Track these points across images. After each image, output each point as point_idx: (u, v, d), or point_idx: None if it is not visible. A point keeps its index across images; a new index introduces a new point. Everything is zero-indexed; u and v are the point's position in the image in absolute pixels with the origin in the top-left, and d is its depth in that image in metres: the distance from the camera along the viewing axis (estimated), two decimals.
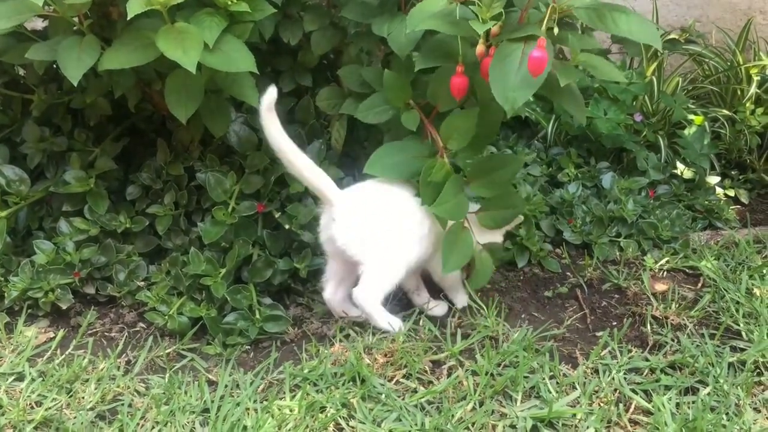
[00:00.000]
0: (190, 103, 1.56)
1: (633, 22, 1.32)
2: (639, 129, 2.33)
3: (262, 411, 1.38)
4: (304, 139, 1.85)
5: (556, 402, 1.39)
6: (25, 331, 1.63)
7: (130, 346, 1.61)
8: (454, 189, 1.54)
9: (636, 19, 1.33)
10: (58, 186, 1.78)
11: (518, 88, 1.32)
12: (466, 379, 1.46)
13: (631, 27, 1.31)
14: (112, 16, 1.60)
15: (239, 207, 1.73)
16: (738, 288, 1.76)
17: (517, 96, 1.32)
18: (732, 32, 2.72)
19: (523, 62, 1.32)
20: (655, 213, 2.04)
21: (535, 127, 2.37)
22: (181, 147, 1.86)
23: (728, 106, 2.49)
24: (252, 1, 1.53)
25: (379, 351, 1.54)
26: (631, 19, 1.32)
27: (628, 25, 1.31)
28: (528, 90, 1.32)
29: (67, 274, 1.69)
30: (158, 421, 1.36)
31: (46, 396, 1.42)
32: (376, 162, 1.58)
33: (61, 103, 1.87)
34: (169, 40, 1.41)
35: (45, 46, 1.56)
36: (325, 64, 1.98)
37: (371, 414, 1.38)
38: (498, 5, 1.35)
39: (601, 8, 1.32)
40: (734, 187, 2.35)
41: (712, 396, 1.43)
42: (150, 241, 1.79)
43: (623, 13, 1.32)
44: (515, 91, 1.32)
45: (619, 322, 1.69)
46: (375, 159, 1.58)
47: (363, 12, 1.70)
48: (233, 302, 1.64)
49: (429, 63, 1.47)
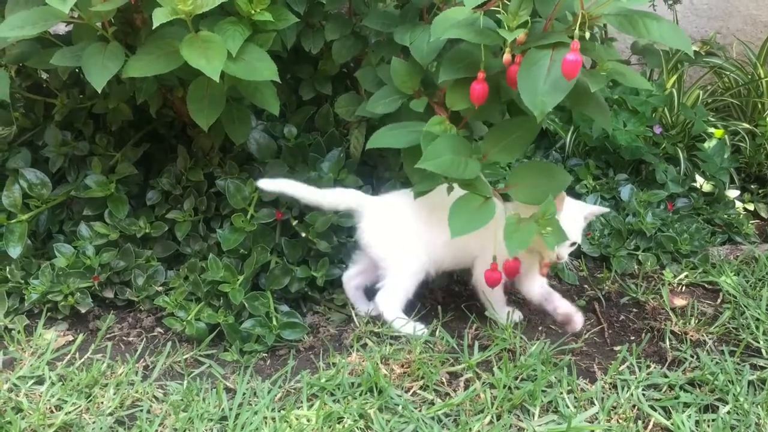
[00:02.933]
0: (212, 111, 1.56)
1: (664, 27, 1.31)
2: (658, 141, 2.32)
3: (280, 420, 1.38)
4: (323, 147, 1.85)
5: (575, 417, 1.39)
6: (45, 334, 1.64)
7: (148, 351, 1.62)
8: (453, 145, 1.46)
9: (667, 24, 1.32)
10: (79, 190, 1.79)
11: (547, 93, 1.31)
12: (483, 392, 1.45)
13: (662, 33, 1.31)
14: (136, 23, 1.61)
15: (258, 214, 1.74)
16: (758, 304, 1.75)
17: (547, 101, 1.32)
18: (753, 45, 2.70)
19: (552, 68, 1.31)
20: (674, 226, 2.03)
21: (554, 137, 2.37)
22: (201, 153, 1.87)
23: (748, 120, 2.48)
24: (275, 11, 1.54)
25: (396, 361, 1.53)
26: (663, 25, 1.32)
27: (659, 31, 1.31)
28: (557, 95, 1.32)
29: (86, 277, 1.70)
30: (176, 428, 1.37)
31: (65, 400, 1.43)
32: (377, 138, 1.58)
33: (84, 107, 1.89)
34: (193, 48, 1.42)
35: (69, 52, 1.57)
36: (345, 73, 1.98)
37: (388, 425, 1.37)
38: (525, 13, 1.35)
39: (632, 14, 1.32)
40: (754, 201, 2.33)
41: (732, 414, 1.41)
42: (169, 247, 1.80)
43: (655, 19, 1.31)
44: (544, 97, 1.31)
45: (637, 337, 1.68)
46: (376, 136, 1.58)
47: (384, 21, 1.70)
48: (251, 309, 1.65)
49: (452, 75, 1.47)
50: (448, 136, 1.48)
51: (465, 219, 1.46)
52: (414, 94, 1.60)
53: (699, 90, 2.53)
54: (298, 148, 1.85)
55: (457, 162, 1.45)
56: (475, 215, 1.46)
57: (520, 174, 1.57)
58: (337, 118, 1.88)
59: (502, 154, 1.53)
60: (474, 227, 1.46)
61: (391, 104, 1.63)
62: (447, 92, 1.52)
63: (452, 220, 1.46)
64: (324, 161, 1.82)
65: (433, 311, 1.73)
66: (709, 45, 2.64)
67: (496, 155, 1.53)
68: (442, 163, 1.43)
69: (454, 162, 1.45)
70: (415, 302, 1.68)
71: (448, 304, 1.77)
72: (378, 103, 1.64)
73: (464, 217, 1.46)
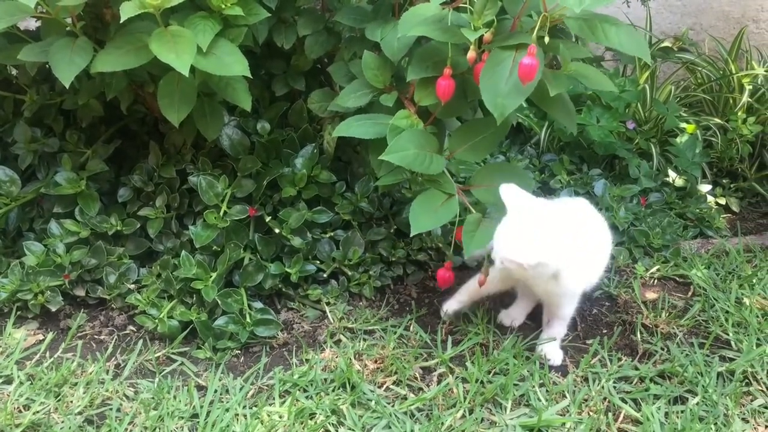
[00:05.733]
0: (183, 107, 1.55)
1: (623, 33, 1.32)
2: (631, 136, 2.34)
3: (251, 417, 1.38)
4: (297, 143, 1.85)
5: (546, 410, 1.40)
6: (14, 333, 1.62)
7: (119, 349, 1.61)
8: (418, 140, 1.47)
9: (626, 30, 1.33)
10: (49, 187, 1.77)
11: (508, 95, 1.32)
12: (456, 387, 1.46)
13: (620, 39, 1.32)
14: (105, 18, 1.59)
15: (231, 211, 1.73)
16: (728, 297, 1.77)
17: (507, 103, 1.32)
18: (725, 41, 2.73)
19: (513, 70, 1.32)
20: (646, 221, 2.05)
21: (528, 133, 2.38)
22: (173, 150, 1.86)
23: (720, 115, 2.50)
24: (246, 5, 1.52)
25: (369, 357, 1.54)
26: (621, 30, 1.32)
27: (618, 36, 1.32)
28: (518, 98, 1.32)
29: (57, 276, 1.68)
30: (147, 426, 1.36)
31: (34, 400, 1.42)
32: (344, 127, 1.57)
33: (53, 104, 1.86)
34: (163, 43, 1.40)
35: (37, 47, 1.55)
36: (318, 68, 1.98)
37: (361, 421, 1.37)
38: (490, 12, 1.35)
39: (592, 19, 1.32)
40: (725, 196, 2.36)
41: (701, 406, 1.43)
42: (141, 244, 1.78)
43: (613, 25, 1.32)
44: (505, 99, 1.32)
45: (609, 330, 1.69)
46: (344, 125, 1.57)
47: (357, 17, 1.70)
48: (224, 306, 1.64)
49: (421, 73, 1.47)
50: (414, 131, 1.48)
51: (427, 216, 1.47)
52: (385, 88, 1.60)
53: (671, 85, 2.56)
54: (272, 144, 1.84)
55: (422, 157, 1.46)
56: (438, 212, 1.47)
57: (483, 174, 1.58)
58: (311, 114, 1.87)
59: (469, 153, 1.54)
60: (436, 224, 1.46)
61: (362, 98, 1.63)
62: (416, 87, 1.52)
63: (413, 216, 1.46)
64: (297, 157, 1.82)
65: (407, 306, 1.74)
66: (681, 41, 2.67)
67: (463, 153, 1.54)
68: (406, 156, 1.44)
69: (418, 156, 1.46)
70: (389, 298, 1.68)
71: (422, 300, 1.77)
72: (349, 97, 1.63)
73: (426, 213, 1.46)
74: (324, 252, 1.77)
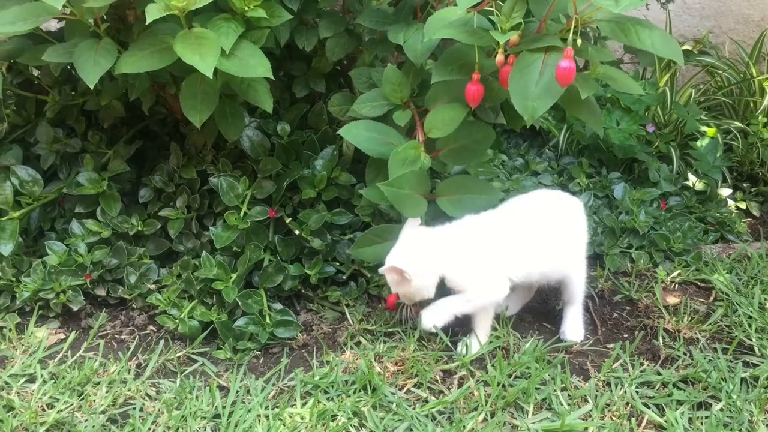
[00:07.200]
0: (205, 108, 1.55)
1: (656, 36, 1.32)
2: (651, 140, 2.33)
3: (273, 418, 1.38)
4: (317, 144, 1.85)
5: (568, 415, 1.39)
6: (36, 332, 1.63)
7: (140, 349, 1.61)
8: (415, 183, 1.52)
9: (659, 33, 1.32)
10: (70, 187, 1.78)
11: (538, 98, 1.32)
12: (477, 390, 1.45)
13: (654, 42, 1.31)
14: (129, 19, 1.60)
15: (251, 212, 1.73)
16: (750, 302, 1.75)
17: (537, 106, 1.32)
18: (745, 44, 2.71)
19: (543, 72, 1.31)
20: (666, 225, 2.04)
21: (547, 135, 2.37)
22: (194, 150, 1.87)
23: (741, 119, 2.48)
24: (269, 8, 1.53)
25: (390, 359, 1.53)
26: (654, 33, 1.32)
27: (651, 39, 1.31)
28: (548, 100, 1.32)
29: (78, 275, 1.69)
30: (170, 426, 1.36)
31: (57, 398, 1.42)
32: (352, 129, 1.58)
33: (76, 104, 1.88)
34: (187, 45, 1.41)
35: (61, 48, 1.56)
36: (338, 71, 1.98)
37: (382, 423, 1.37)
38: (518, 15, 1.35)
39: (625, 22, 1.32)
40: (746, 200, 2.34)
41: (725, 412, 1.42)
42: (161, 244, 1.79)
43: (646, 28, 1.32)
44: (535, 101, 1.31)
45: (630, 335, 1.68)
46: (352, 127, 1.58)
47: (378, 19, 1.70)
48: (244, 307, 1.64)
49: (445, 76, 1.47)
50: (414, 174, 1.52)
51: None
52: (402, 104, 1.61)
53: (691, 89, 2.54)
54: (292, 146, 1.84)
55: (413, 200, 1.53)
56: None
57: (449, 186, 1.60)
58: (331, 116, 1.88)
59: (452, 157, 1.59)
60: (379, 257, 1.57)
61: (378, 109, 1.65)
62: (429, 114, 1.53)
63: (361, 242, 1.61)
64: (317, 159, 1.82)
65: None
66: (701, 44, 2.65)
67: (446, 156, 1.56)
68: (399, 195, 1.52)
69: (409, 198, 1.53)
70: None
71: None
72: (365, 105, 1.65)
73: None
74: (343, 254, 1.77)
